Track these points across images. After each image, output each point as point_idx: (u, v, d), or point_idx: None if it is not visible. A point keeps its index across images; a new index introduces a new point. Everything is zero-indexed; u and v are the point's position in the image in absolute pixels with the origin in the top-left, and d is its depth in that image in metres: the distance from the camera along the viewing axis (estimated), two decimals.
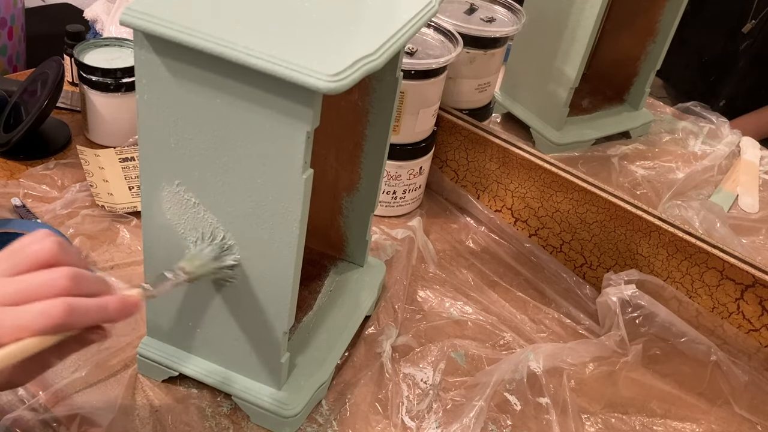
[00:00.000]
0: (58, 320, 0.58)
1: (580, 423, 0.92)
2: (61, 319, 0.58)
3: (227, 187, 0.71)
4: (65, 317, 0.58)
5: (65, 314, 0.58)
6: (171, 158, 0.71)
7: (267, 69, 0.60)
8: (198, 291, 0.79)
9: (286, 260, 0.72)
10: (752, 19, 1.36)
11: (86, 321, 0.61)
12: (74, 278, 0.61)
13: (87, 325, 0.61)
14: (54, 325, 0.58)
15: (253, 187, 0.69)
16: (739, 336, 1.03)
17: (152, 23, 0.63)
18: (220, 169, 0.70)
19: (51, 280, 0.60)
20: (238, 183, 0.70)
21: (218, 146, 0.69)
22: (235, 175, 0.69)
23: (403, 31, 0.69)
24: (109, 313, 0.62)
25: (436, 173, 1.26)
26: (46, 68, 1.18)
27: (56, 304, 0.58)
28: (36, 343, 0.58)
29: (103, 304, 0.62)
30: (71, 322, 0.59)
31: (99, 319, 0.62)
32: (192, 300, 0.80)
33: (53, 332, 0.59)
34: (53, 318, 0.58)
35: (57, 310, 0.58)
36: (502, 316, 1.06)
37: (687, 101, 1.43)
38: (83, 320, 0.60)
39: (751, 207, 1.23)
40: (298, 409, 0.82)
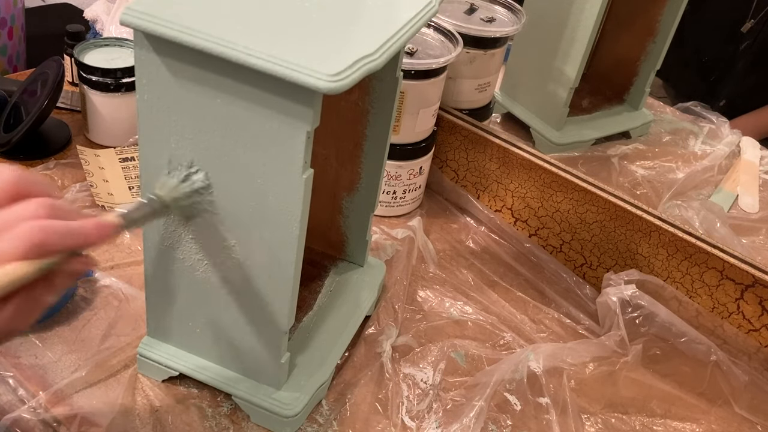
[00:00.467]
0: (34, 240, 0.56)
1: (580, 423, 0.92)
2: (36, 239, 0.56)
3: (227, 187, 0.71)
4: (41, 236, 0.56)
5: (41, 233, 0.56)
6: (171, 158, 0.71)
7: (267, 69, 0.60)
8: (198, 291, 0.79)
9: (286, 260, 0.72)
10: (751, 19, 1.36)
11: (64, 242, 0.58)
12: (47, 206, 0.59)
13: (65, 248, 0.59)
14: (30, 246, 0.56)
15: (253, 187, 0.69)
16: (739, 336, 1.03)
17: (152, 23, 0.63)
18: (220, 169, 0.70)
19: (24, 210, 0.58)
20: (239, 183, 0.70)
21: (218, 146, 0.69)
22: (235, 175, 0.69)
23: (404, 31, 0.69)
24: (86, 234, 0.60)
25: (436, 173, 1.26)
26: (46, 68, 1.18)
27: (30, 226, 0.56)
28: (17, 269, 0.56)
29: (79, 225, 0.60)
30: (48, 242, 0.57)
31: (77, 241, 0.59)
32: (192, 300, 0.80)
33: (32, 255, 0.56)
34: (29, 239, 0.56)
35: (33, 231, 0.56)
36: (502, 316, 1.06)
37: (687, 101, 1.43)
38: (60, 241, 0.58)
39: (751, 207, 1.24)
40: (299, 409, 0.82)
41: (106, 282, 0.99)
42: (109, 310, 0.96)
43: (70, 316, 0.94)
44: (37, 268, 0.57)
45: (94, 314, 0.95)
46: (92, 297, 0.97)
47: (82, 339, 0.91)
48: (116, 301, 0.97)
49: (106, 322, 0.94)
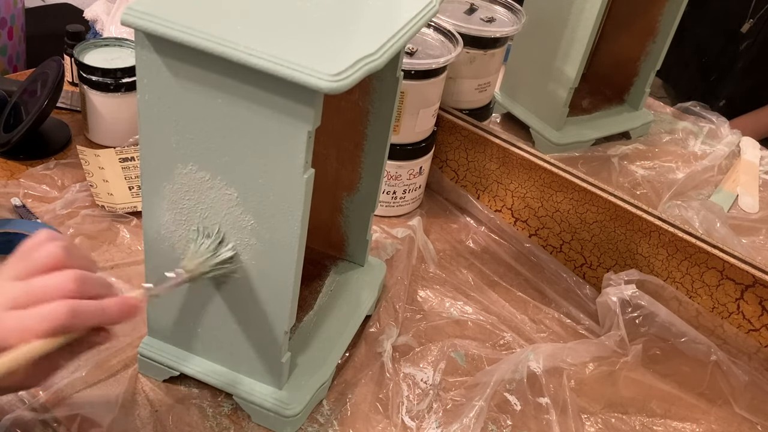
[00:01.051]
0: (61, 322, 0.59)
1: (580, 423, 0.92)
2: (63, 321, 0.59)
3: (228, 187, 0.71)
4: (68, 319, 0.60)
5: (68, 317, 0.60)
6: (172, 158, 0.71)
7: (268, 69, 0.60)
8: (199, 290, 0.79)
9: (287, 260, 0.72)
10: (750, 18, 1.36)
11: (88, 323, 0.62)
12: (78, 281, 0.62)
13: (89, 327, 0.63)
14: (57, 327, 0.59)
15: (254, 186, 0.69)
16: (739, 336, 1.03)
17: (153, 23, 0.63)
18: (221, 169, 0.70)
19: (56, 284, 0.61)
20: (239, 183, 0.70)
21: (219, 146, 0.69)
22: (235, 174, 0.69)
23: (404, 30, 0.69)
24: (111, 314, 0.63)
25: (436, 173, 1.26)
26: (46, 68, 1.18)
27: (59, 307, 0.60)
28: (41, 345, 0.59)
29: (105, 306, 0.63)
30: (74, 324, 0.60)
31: (101, 320, 0.63)
32: (193, 300, 0.80)
33: (57, 334, 0.60)
34: (56, 320, 0.59)
35: (60, 312, 0.59)
36: (502, 316, 1.06)
37: (687, 101, 1.43)
38: (86, 322, 0.62)
39: (751, 207, 1.24)
40: (299, 409, 0.82)
41: None
42: None
43: None
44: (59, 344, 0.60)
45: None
46: None
47: None
48: None
49: None
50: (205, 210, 0.73)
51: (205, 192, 0.72)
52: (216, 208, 0.72)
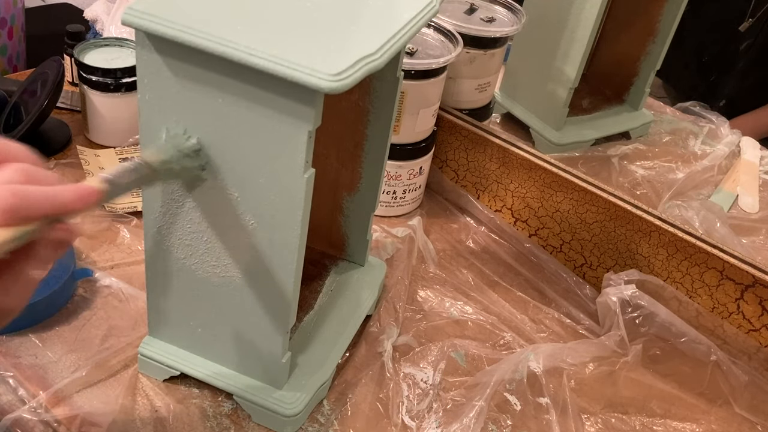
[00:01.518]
0: (7, 206, 0.52)
1: (580, 423, 0.92)
2: (9, 203, 0.52)
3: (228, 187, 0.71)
4: (14, 201, 0.53)
5: (14, 198, 0.53)
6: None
7: (269, 69, 0.60)
8: (200, 290, 0.79)
9: (287, 260, 0.72)
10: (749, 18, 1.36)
11: (41, 208, 0.55)
12: (23, 171, 0.55)
13: (43, 213, 0.55)
14: (3, 211, 0.52)
15: (254, 186, 0.69)
16: (739, 336, 1.03)
17: (154, 23, 0.63)
18: (221, 168, 0.70)
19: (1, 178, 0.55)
20: (240, 183, 0.70)
21: (220, 146, 0.69)
22: (236, 174, 0.69)
23: (405, 30, 0.69)
24: (64, 199, 0.56)
25: (436, 173, 1.26)
26: (46, 68, 1.18)
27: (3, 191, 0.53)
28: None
29: (57, 190, 0.56)
30: (23, 208, 0.53)
31: (55, 206, 0.55)
32: (194, 299, 0.80)
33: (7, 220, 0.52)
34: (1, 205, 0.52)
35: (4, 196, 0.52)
36: (502, 316, 1.06)
37: (687, 101, 1.43)
38: (37, 207, 0.54)
39: (751, 207, 1.24)
40: (300, 408, 0.82)
41: (106, 282, 0.99)
42: (109, 310, 0.96)
43: (70, 316, 0.94)
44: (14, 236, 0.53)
45: (94, 314, 0.95)
46: (92, 297, 0.97)
47: (82, 339, 0.91)
48: (116, 301, 0.97)
49: (106, 322, 0.94)
50: (207, 210, 0.73)
51: (205, 192, 0.72)
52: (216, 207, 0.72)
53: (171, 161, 0.68)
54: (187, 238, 0.76)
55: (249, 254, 0.73)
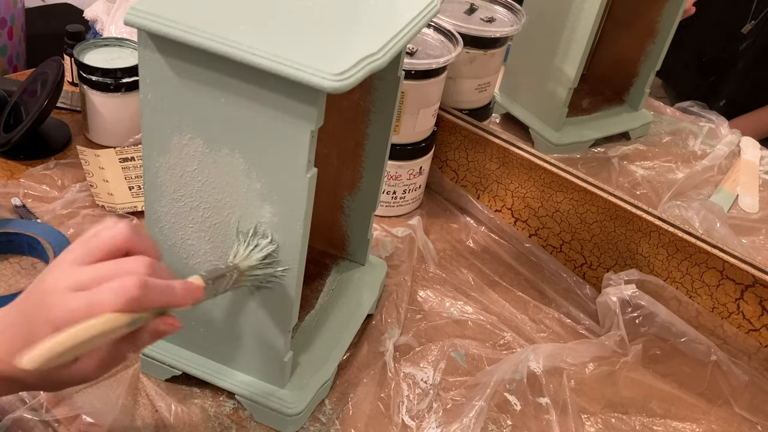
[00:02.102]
0: (133, 294, 0.58)
1: (580, 423, 0.92)
2: (135, 293, 0.58)
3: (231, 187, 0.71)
4: (140, 292, 0.58)
5: (140, 290, 0.58)
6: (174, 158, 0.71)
7: (272, 68, 0.60)
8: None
9: (289, 259, 0.72)
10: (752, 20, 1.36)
11: (159, 300, 0.60)
12: (151, 266, 0.61)
13: (158, 306, 0.61)
14: (129, 300, 0.57)
15: (256, 186, 0.69)
16: (739, 336, 1.03)
17: (156, 23, 0.63)
18: (223, 168, 0.70)
19: (130, 268, 0.60)
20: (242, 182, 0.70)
21: (222, 146, 0.69)
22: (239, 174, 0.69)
23: (406, 30, 0.69)
24: (178, 294, 0.62)
25: (436, 173, 1.26)
26: (46, 68, 1.18)
27: (131, 280, 0.58)
28: (112, 319, 0.57)
29: (172, 285, 0.62)
30: (145, 299, 0.58)
31: (168, 299, 0.61)
32: None
33: (128, 307, 0.58)
34: (128, 293, 0.57)
35: (132, 285, 0.58)
36: (502, 315, 1.06)
37: (686, 101, 1.43)
38: (156, 299, 0.60)
39: (751, 207, 1.24)
40: (302, 408, 0.82)
41: None
42: None
43: None
44: (130, 322, 0.58)
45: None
46: None
47: None
48: None
49: None
50: (208, 209, 0.73)
51: (207, 192, 0.72)
52: (218, 208, 0.72)
53: (255, 267, 0.72)
54: (189, 237, 0.76)
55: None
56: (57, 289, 0.59)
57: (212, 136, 0.69)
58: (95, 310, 0.57)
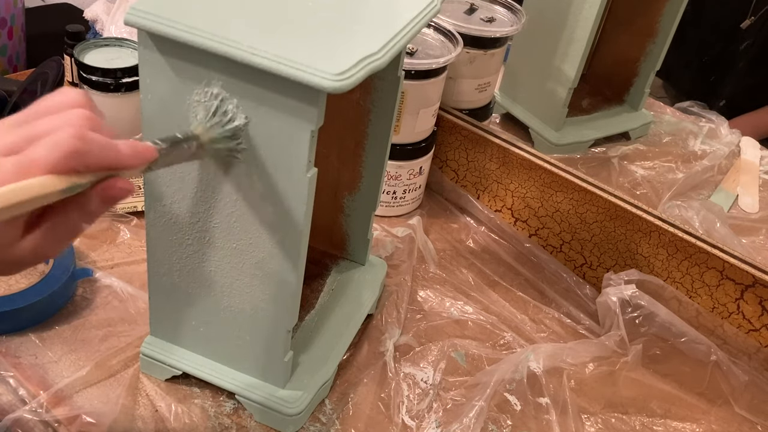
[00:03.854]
0: (72, 148, 0.51)
1: (580, 423, 0.92)
2: (74, 146, 0.51)
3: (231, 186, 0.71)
4: (80, 145, 0.52)
5: (80, 142, 0.52)
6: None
7: (272, 68, 0.60)
8: (202, 289, 0.79)
9: (290, 259, 0.72)
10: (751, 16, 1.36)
11: (101, 157, 0.54)
12: (91, 119, 0.54)
13: (101, 164, 0.54)
14: (67, 153, 0.51)
15: (257, 186, 0.69)
16: (739, 336, 1.03)
17: (157, 23, 0.63)
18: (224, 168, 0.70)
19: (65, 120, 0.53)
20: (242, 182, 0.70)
21: None
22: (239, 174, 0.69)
23: (407, 30, 0.69)
24: (123, 153, 0.55)
25: (436, 173, 1.26)
26: (46, 68, 1.18)
27: (67, 132, 0.52)
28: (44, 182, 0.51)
29: (116, 142, 0.55)
30: (85, 153, 0.52)
31: (114, 158, 0.55)
32: (196, 298, 0.80)
33: (67, 163, 0.52)
34: (66, 146, 0.51)
35: (68, 137, 0.51)
36: (502, 315, 1.06)
37: (687, 101, 1.43)
38: (98, 155, 0.53)
39: (751, 207, 1.24)
40: (302, 408, 0.82)
41: (106, 282, 0.99)
42: (109, 310, 0.96)
43: (70, 316, 0.94)
44: (71, 187, 0.52)
45: (94, 314, 0.95)
46: (92, 297, 0.97)
47: (82, 339, 0.91)
48: (116, 301, 0.97)
49: (106, 322, 0.94)
50: (209, 209, 0.73)
51: (209, 192, 0.72)
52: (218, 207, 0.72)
53: (219, 140, 0.67)
54: (189, 237, 0.76)
55: (252, 253, 0.73)
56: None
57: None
58: (27, 172, 0.51)
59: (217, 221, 0.73)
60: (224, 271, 0.76)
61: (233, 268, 0.76)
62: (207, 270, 0.77)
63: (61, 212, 0.54)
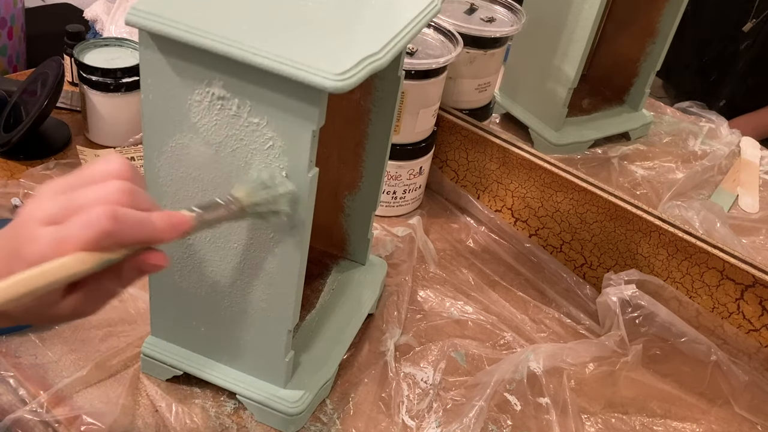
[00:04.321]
0: (103, 227, 0.52)
1: (580, 423, 0.92)
2: (105, 226, 0.53)
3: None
4: (110, 224, 0.53)
5: (110, 222, 0.53)
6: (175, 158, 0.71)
7: (274, 68, 0.60)
8: (203, 289, 0.79)
9: (290, 258, 0.72)
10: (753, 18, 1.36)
11: (134, 233, 0.55)
12: (127, 192, 0.55)
13: (135, 241, 0.56)
14: (99, 234, 0.53)
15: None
16: (739, 336, 1.03)
17: (158, 23, 0.63)
18: (224, 169, 0.70)
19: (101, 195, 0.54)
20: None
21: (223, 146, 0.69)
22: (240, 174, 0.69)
23: (407, 30, 0.69)
24: (158, 226, 0.56)
25: (436, 173, 1.26)
26: (46, 68, 1.17)
27: (101, 211, 0.53)
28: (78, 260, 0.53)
29: (152, 216, 0.56)
30: (117, 232, 0.53)
31: (148, 233, 0.56)
32: (197, 299, 0.80)
33: (98, 243, 0.53)
34: (97, 226, 0.52)
35: (101, 217, 0.53)
36: (502, 315, 1.06)
37: (687, 101, 1.43)
38: (131, 232, 0.55)
39: (751, 207, 1.24)
40: (303, 407, 0.83)
41: None
42: (109, 310, 0.95)
43: None
44: (102, 263, 0.54)
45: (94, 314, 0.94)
46: None
47: (82, 339, 0.91)
48: (116, 301, 0.96)
49: (106, 322, 0.94)
50: None
51: (210, 192, 0.72)
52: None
53: (261, 204, 0.67)
54: (189, 237, 0.76)
55: (253, 253, 0.73)
56: (30, 221, 0.54)
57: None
58: (62, 248, 0.52)
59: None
60: (225, 271, 0.76)
61: (234, 268, 0.76)
62: (208, 270, 0.77)
63: (98, 279, 0.56)
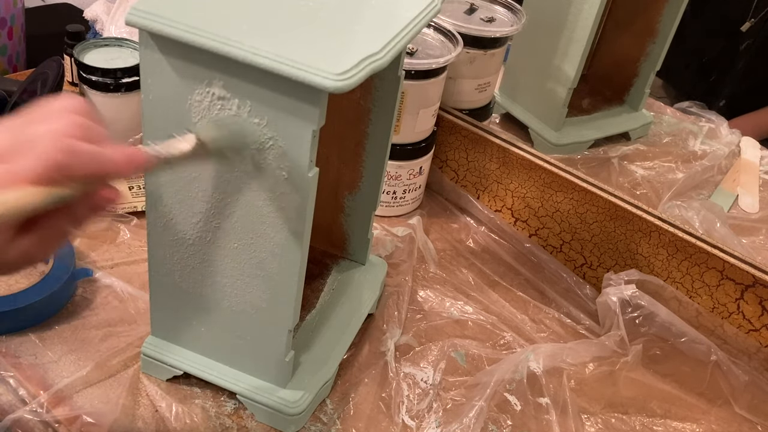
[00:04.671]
0: (57, 161, 0.51)
1: (580, 423, 0.92)
2: (59, 159, 0.51)
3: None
4: (65, 158, 0.51)
5: (63, 154, 0.51)
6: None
7: (274, 68, 0.60)
8: (203, 289, 0.79)
9: (291, 258, 0.72)
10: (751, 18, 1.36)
11: (88, 166, 0.53)
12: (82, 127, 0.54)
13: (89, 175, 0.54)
14: (50, 166, 0.51)
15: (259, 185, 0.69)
16: (739, 336, 1.03)
17: (158, 23, 0.63)
18: (225, 168, 0.70)
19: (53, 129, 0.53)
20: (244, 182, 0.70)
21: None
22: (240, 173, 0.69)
23: (407, 29, 0.69)
24: (113, 160, 0.54)
25: (436, 173, 1.26)
26: (46, 68, 1.17)
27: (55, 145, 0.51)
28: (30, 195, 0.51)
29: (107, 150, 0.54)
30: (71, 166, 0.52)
31: (102, 166, 0.54)
32: (197, 299, 0.80)
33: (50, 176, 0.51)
34: (51, 159, 0.51)
35: (56, 151, 0.51)
36: (502, 315, 1.06)
37: (687, 101, 1.43)
38: (85, 167, 0.53)
39: (751, 207, 1.24)
40: (303, 407, 0.83)
41: (106, 282, 0.99)
42: (109, 310, 0.96)
43: (70, 316, 0.94)
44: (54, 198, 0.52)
45: (94, 314, 0.95)
46: (92, 297, 0.97)
47: (82, 339, 0.91)
48: (116, 301, 0.97)
49: (106, 322, 0.94)
50: (210, 209, 0.73)
51: (209, 192, 0.72)
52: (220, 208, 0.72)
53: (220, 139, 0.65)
54: (190, 237, 0.76)
55: (253, 253, 0.73)
56: None
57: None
58: (12, 182, 0.51)
59: (218, 221, 0.73)
60: (225, 271, 0.76)
61: (234, 268, 0.76)
62: (208, 270, 0.77)
63: (50, 218, 0.54)
